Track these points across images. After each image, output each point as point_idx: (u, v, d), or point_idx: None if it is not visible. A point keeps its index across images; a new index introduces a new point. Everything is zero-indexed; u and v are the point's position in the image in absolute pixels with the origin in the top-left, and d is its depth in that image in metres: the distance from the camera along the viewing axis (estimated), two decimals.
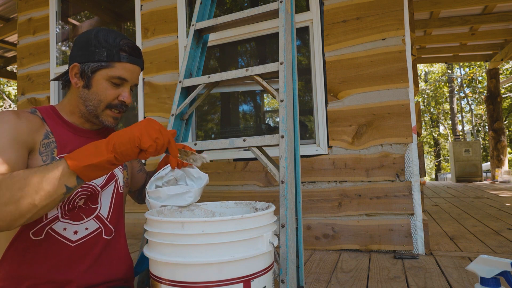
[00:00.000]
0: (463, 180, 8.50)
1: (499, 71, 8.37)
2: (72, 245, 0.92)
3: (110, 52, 0.93)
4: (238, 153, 2.43)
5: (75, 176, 0.73)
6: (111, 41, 0.94)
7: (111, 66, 0.94)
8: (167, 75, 2.69)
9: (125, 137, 0.73)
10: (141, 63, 1.01)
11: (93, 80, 0.95)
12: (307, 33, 2.36)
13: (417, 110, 2.09)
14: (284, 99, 1.21)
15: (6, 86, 15.73)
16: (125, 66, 0.96)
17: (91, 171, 0.73)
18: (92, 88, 0.95)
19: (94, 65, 0.93)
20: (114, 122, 1.00)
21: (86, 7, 3.53)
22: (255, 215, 0.76)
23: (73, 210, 0.93)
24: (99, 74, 0.94)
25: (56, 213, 0.90)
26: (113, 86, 0.96)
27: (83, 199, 0.95)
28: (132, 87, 1.01)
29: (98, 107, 0.96)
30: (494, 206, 3.93)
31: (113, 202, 1.03)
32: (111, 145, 0.73)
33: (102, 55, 0.93)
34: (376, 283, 1.55)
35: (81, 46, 0.95)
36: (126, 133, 0.74)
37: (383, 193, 2.07)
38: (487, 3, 4.80)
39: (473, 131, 18.38)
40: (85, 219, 0.95)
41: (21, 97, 3.34)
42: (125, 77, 0.96)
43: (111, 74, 0.94)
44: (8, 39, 5.45)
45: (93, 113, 0.97)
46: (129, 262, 1.06)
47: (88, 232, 0.95)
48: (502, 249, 2.04)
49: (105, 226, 1.00)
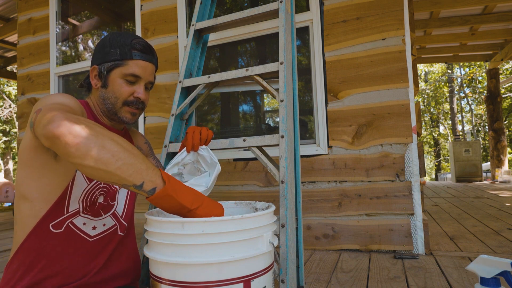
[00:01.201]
0: (463, 180, 8.49)
1: (499, 71, 8.37)
2: (90, 240, 0.94)
3: (123, 51, 0.98)
4: (238, 153, 2.43)
5: (152, 186, 0.73)
6: (123, 41, 0.99)
7: (125, 64, 0.98)
8: (167, 75, 2.69)
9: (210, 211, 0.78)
10: (154, 60, 1.04)
11: (109, 79, 0.99)
12: (307, 33, 2.36)
13: (417, 110, 2.09)
14: (284, 99, 1.21)
15: (6, 86, 15.73)
16: (138, 63, 0.99)
17: (164, 200, 0.74)
18: (108, 87, 0.99)
19: (109, 64, 0.98)
20: (132, 118, 1.03)
21: (86, 7, 3.53)
22: (255, 215, 0.76)
23: (94, 205, 0.95)
24: (114, 72, 0.99)
25: (77, 207, 0.92)
26: (128, 83, 1.00)
27: (103, 195, 0.98)
28: (147, 84, 1.04)
29: (115, 104, 1.00)
30: (494, 206, 3.93)
31: (128, 200, 1.07)
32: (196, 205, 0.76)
33: (115, 55, 0.98)
34: (376, 283, 1.55)
35: (98, 49, 1.01)
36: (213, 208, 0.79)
37: (383, 193, 2.07)
38: (487, 3, 4.80)
39: (473, 131, 18.38)
40: (103, 215, 0.98)
41: (21, 97, 3.34)
42: (138, 74, 0.99)
43: (124, 71, 0.98)
44: (8, 39, 5.45)
45: (112, 110, 1.01)
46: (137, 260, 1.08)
47: (105, 228, 0.98)
48: (502, 249, 2.04)
49: (120, 223, 1.03)
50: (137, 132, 1.25)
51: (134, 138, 1.20)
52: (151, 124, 2.73)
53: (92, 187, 0.95)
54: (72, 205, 0.91)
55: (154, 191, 0.73)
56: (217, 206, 0.81)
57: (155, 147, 2.69)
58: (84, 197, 0.93)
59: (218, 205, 0.82)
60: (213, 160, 1.10)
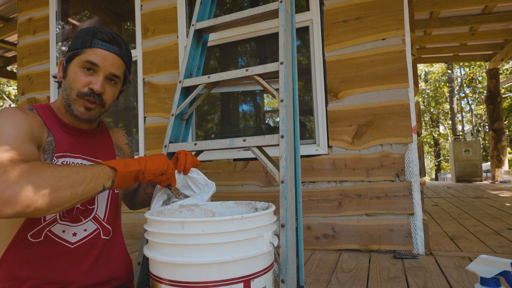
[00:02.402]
0: (463, 180, 8.49)
1: (499, 71, 8.37)
2: (71, 246, 0.92)
3: (84, 39, 0.93)
4: (238, 153, 2.43)
5: (111, 179, 0.81)
6: (87, 31, 0.95)
7: (83, 52, 0.93)
8: (167, 75, 2.69)
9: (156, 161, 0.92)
10: (118, 51, 0.96)
11: (69, 69, 0.94)
12: (307, 33, 2.36)
13: (417, 110, 2.09)
14: (284, 99, 1.21)
15: (6, 86, 15.73)
16: (96, 51, 0.93)
17: (123, 177, 0.83)
18: (67, 77, 0.94)
19: (70, 53, 0.94)
20: (85, 112, 0.94)
21: (86, 7, 3.53)
22: (255, 215, 0.76)
23: (71, 211, 0.93)
24: (73, 62, 0.94)
25: (54, 215, 0.90)
26: (85, 72, 0.93)
27: None
28: (110, 76, 0.96)
29: (70, 95, 0.93)
30: (494, 206, 3.93)
31: (109, 202, 1.03)
32: (143, 162, 0.88)
33: (77, 44, 0.94)
34: (376, 283, 1.55)
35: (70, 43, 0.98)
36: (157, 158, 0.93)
37: (383, 193, 2.07)
38: (487, 3, 4.79)
39: (473, 131, 18.37)
40: (83, 220, 0.95)
41: (21, 97, 3.34)
42: (96, 62, 0.92)
43: (82, 59, 0.92)
44: (8, 39, 5.45)
45: (67, 102, 0.94)
46: (128, 261, 1.06)
47: (87, 233, 0.95)
48: (502, 249, 2.04)
49: (102, 226, 1.00)
50: (119, 132, 1.19)
51: (114, 138, 1.14)
52: (151, 124, 2.73)
53: None
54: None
55: (113, 183, 0.82)
56: (158, 155, 0.94)
57: (155, 147, 2.69)
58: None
59: (159, 155, 0.94)
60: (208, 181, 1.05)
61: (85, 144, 1.00)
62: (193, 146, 1.34)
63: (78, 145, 0.98)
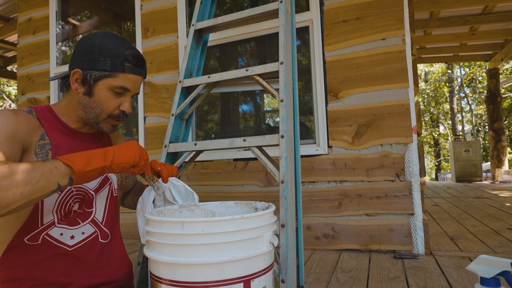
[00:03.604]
0: (463, 180, 8.49)
1: (499, 71, 8.37)
2: (69, 249, 0.92)
3: (114, 62, 0.92)
4: (238, 153, 2.43)
5: (68, 176, 0.76)
6: (115, 50, 0.92)
7: (115, 76, 0.93)
8: (167, 75, 2.69)
9: (126, 153, 0.85)
10: (144, 73, 1.00)
11: (95, 89, 0.94)
12: (307, 33, 2.36)
13: (417, 110, 2.09)
14: (284, 99, 1.21)
15: (6, 86, 15.73)
16: (129, 77, 0.95)
17: (84, 175, 0.78)
18: (93, 96, 0.94)
19: (97, 73, 0.92)
20: (112, 129, 1.01)
21: (86, 7, 3.53)
22: (255, 215, 0.76)
23: (69, 214, 0.93)
24: (102, 83, 0.93)
25: (52, 218, 0.90)
26: (115, 95, 0.95)
27: (77, 202, 0.95)
28: (134, 95, 1.01)
29: (100, 116, 0.96)
30: (494, 206, 3.93)
31: (108, 205, 1.03)
32: (110, 156, 0.81)
33: (106, 64, 0.91)
34: (376, 283, 1.55)
35: (84, 52, 0.93)
36: (126, 149, 0.85)
37: (383, 193, 2.07)
38: (487, 3, 4.80)
39: (473, 131, 18.37)
40: (81, 223, 0.95)
41: (21, 97, 3.34)
42: (128, 88, 0.96)
43: (114, 84, 0.93)
44: (8, 39, 5.45)
45: (94, 120, 0.97)
46: (127, 263, 1.06)
47: (84, 237, 0.95)
48: (502, 249, 2.04)
49: (100, 230, 1.00)
50: (119, 136, 1.20)
51: (114, 141, 1.16)
52: (151, 124, 2.73)
53: (64, 196, 0.92)
54: (46, 217, 0.89)
55: (72, 180, 0.76)
56: (128, 144, 0.86)
57: (155, 147, 2.69)
58: (57, 207, 0.90)
59: (129, 143, 0.87)
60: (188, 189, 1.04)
61: (86, 148, 1.00)
62: (193, 146, 1.34)
63: (78, 148, 0.98)
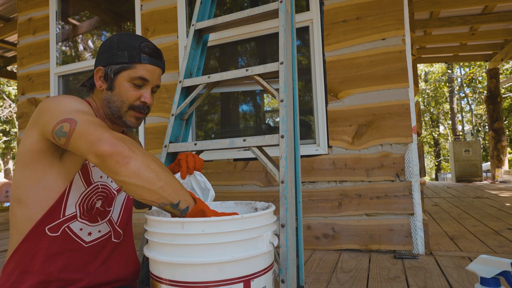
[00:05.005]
0: (463, 180, 8.50)
1: (499, 71, 8.37)
2: (85, 245, 0.94)
3: (131, 54, 0.96)
4: (238, 153, 2.43)
5: (186, 204, 0.79)
6: (132, 44, 0.97)
7: (133, 67, 0.96)
8: (167, 75, 2.69)
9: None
10: (162, 64, 1.03)
11: (116, 82, 0.97)
12: (307, 33, 2.36)
13: (417, 110, 2.09)
14: (284, 99, 1.21)
15: (6, 86, 15.73)
16: (146, 67, 0.98)
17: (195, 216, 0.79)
18: (115, 89, 0.98)
19: (116, 67, 0.96)
20: (136, 122, 1.02)
21: (86, 7, 3.53)
22: (255, 215, 0.76)
23: (91, 211, 0.95)
24: (121, 75, 0.97)
25: (74, 211, 0.91)
26: (135, 87, 0.98)
27: (100, 200, 0.97)
28: (154, 88, 1.03)
29: (121, 108, 0.99)
30: (494, 206, 3.93)
31: (124, 206, 1.06)
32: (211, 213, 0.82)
33: (123, 57, 0.96)
34: (376, 283, 1.55)
35: (104, 50, 0.99)
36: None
37: (383, 193, 2.07)
38: (487, 3, 4.80)
39: (473, 131, 18.37)
40: (99, 221, 0.98)
41: (21, 97, 3.34)
42: (146, 77, 0.98)
43: (132, 75, 0.97)
44: (8, 39, 5.45)
45: (117, 114, 0.99)
46: (136, 264, 1.08)
47: (100, 235, 0.97)
48: (502, 249, 2.04)
49: (114, 229, 1.02)
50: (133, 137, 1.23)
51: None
52: (151, 124, 2.73)
53: (89, 191, 0.94)
54: (69, 209, 0.91)
55: (187, 210, 0.78)
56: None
57: (155, 147, 2.69)
58: (81, 201, 0.92)
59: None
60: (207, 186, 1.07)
61: None
62: (193, 146, 1.34)
63: None
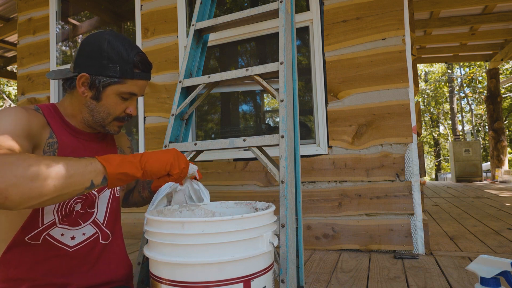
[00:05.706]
0: (463, 180, 8.49)
1: (499, 71, 8.37)
2: (70, 250, 0.92)
3: (124, 68, 0.93)
4: (238, 153, 2.43)
5: (102, 175, 0.75)
6: (125, 56, 0.93)
7: (124, 82, 0.94)
8: (167, 75, 2.69)
9: (158, 160, 0.83)
10: (150, 76, 1.02)
11: (104, 94, 0.94)
12: (307, 33, 2.36)
13: (417, 110, 2.09)
14: (284, 99, 1.21)
15: (6, 86, 15.73)
16: (137, 83, 0.96)
17: (118, 178, 0.78)
18: (101, 101, 0.95)
19: (106, 80, 0.93)
20: (118, 130, 1.03)
21: (86, 7, 3.53)
22: (255, 215, 0.76)
23: (70, 215, 0.93)
24: (110, 89, 0.94)
25: (53, 218, 0.90)
26: (122, 100, 0.97)
27: (79, 203, 0.95)
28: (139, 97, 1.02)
29: (106, 119, 0.98)
30: (494, 206, 3.93)
31: (109, 206, 1.03)
32: (143, 163, 0.81)
33: (115, 71, 0.92)
34: (376, 283, 1.55)
35: (92, 55, 0.93)
36: (159, 156, 0.84)
37: (383, 193, 2.07)
38: (487, 3, 4.80)
39: (473, 131, 18.37)
40: (82, 224, 0.95)
41: (21, 97, 3.34)
42: (135, 93, 0.98)
43: (122, 90, 0.95)
44: (8, 39, 5.45)
45: (100, 123, 0.98)
46: (128, 264, 1.06)
47: (85, 238, 0.95)
48: (502, 249, 2.04)
49: (101, 231, 0.99)
50: (122, 135, 1.21)
51: (118, 141, 1.16)
52: (151, 124, 2.73)
53: None
54: (47, 217, 0.89)
55: (106, 181, 0.76)
56: (164, 153, 0.86)
57: (155, 147, 2.69)
58: (59, 207, 0.90)
59: (166, 151, 0.87)
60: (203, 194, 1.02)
61: (89, 148, 1.01)
62: (193, 146, 1.34)
63: (82, 148, 0.98)
